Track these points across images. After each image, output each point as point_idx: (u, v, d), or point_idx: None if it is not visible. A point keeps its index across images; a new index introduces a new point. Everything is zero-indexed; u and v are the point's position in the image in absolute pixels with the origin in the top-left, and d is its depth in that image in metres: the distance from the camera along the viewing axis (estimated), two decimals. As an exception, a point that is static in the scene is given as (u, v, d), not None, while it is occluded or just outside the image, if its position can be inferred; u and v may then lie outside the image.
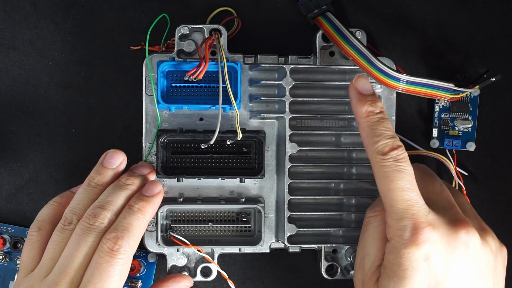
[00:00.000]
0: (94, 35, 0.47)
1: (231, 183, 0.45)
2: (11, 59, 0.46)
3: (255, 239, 0.45)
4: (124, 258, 0.37)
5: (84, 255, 0.37)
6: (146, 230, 0.44)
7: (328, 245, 0.46)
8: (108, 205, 0.39)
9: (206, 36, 0.44)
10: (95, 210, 0.38)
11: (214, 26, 0.44)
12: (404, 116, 0.48)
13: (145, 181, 0.42)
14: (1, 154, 0.46)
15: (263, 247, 0.45)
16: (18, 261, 0.46)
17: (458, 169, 0.48)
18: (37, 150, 0.47)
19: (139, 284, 0.46)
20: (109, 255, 0.36)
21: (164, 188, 0.45)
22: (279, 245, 0.46)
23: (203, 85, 0.44)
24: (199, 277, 0.45)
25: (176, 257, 0.45)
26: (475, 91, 0.47)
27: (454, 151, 0.48)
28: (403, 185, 0.37)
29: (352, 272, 0.45)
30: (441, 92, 0.44)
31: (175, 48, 0.44)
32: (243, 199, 0.44)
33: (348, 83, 0.45)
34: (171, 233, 0.44)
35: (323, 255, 0.46)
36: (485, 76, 0.44)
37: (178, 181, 0.44)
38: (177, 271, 0.45)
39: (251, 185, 0.45)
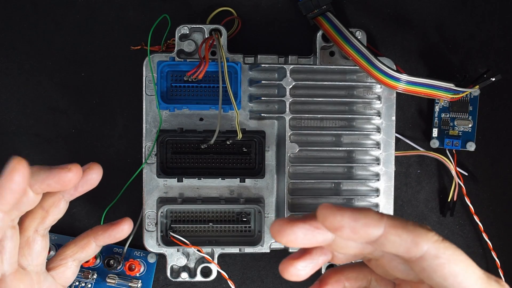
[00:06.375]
0: (94, 35, 0.47)
1: (231, 183, 0.45)
2: (11, 59, 0.46)
3: (255, 239, 0.45)
4: None
5: None
6: (146, 230, 0.44)
7: (328, 245, 0.46)
8: None
9: (206, 36, 0.44)
10: None
11: (214, 26, 0.44)
12: (404, 116, 0.48)
13: None
14: (1, 154, 0.46)
15: (263, 247, 0.45)
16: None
17: (458, 169, 0.48)
18: (37, 150, 0.47)
19: (139, 284, 0.46)
20: None
21: (164, 188, 0.45)
22: (279, 245, 0.46)
23: (203, 85, 0.44)
24: (199, 277, 0.45)
25: (176, 257, 0.45)
26: (475, 91, 0.47)
27: (454, 151, 0.48)
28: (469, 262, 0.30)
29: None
30: (441, 92, 0.44)
31: (175, 48, 0.44)
32: (243, 199, 0.44)
33: (348, 83, 0.45)
34: (171, 233, 0.44)
35: (323, 255, 0.46)
36: (485, 76, 0.44)
37: (178, 181, 0.44)
38: (177, 271, 0.45)
39: (251, 185, 0.45)
